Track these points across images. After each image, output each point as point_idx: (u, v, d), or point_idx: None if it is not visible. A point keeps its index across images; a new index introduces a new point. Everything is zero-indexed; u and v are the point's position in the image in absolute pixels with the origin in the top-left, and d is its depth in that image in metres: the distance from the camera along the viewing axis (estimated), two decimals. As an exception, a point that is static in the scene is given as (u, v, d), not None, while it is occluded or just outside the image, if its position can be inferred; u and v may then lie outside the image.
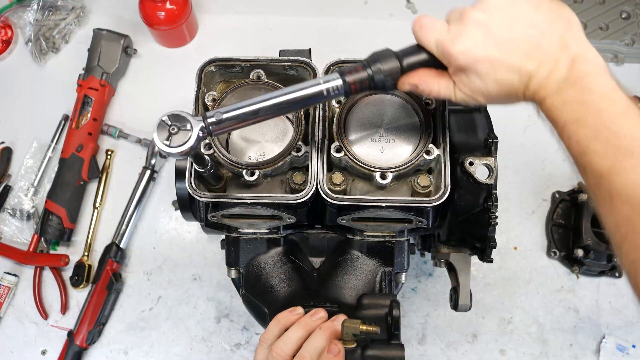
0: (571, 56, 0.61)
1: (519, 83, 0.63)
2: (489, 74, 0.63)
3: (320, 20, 1.47)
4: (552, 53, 0.61)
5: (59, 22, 1.44)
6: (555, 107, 0.61)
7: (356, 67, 0.68)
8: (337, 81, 0.67)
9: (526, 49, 0.62)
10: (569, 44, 0.62)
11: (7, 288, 1.24)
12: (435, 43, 0.66)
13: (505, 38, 0.62)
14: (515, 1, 0.63)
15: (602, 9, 1.43)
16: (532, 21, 0.62)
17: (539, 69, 0.61)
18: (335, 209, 0.86)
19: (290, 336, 0.74)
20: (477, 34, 0.63)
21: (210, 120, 0.65)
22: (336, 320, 0.75)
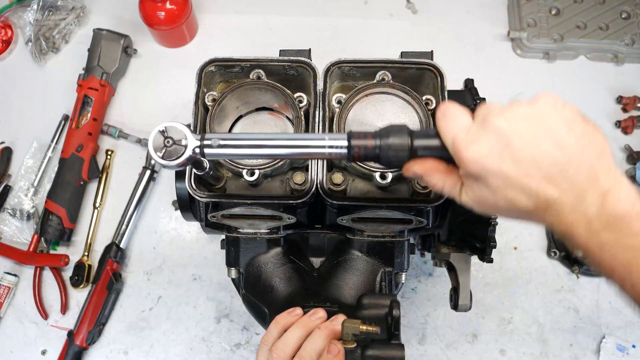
0: (601, 191, 0.54)
1: (534, 207, 0.57)
2: (499, 189, 0.57)
3: (320, 20, 1.47)
4: (579, 183, 0.55)
5: (59, 22, 1.44)
6: (592, 249, 0.55)
7: (366, 135, 0.63)
8: (343, 142, 0.63)
9: (548, 173, 0.55)
10: (599, 177, 0.55)
11: (7, 288, 1.24)
12: (452, 139, 0.60)
13: (526, 155, 0.55)
14: (547, 115, 0.56)
15: (602, 9, 1.43)
16: (561, 143, 0.55)
17: (561, 199, 0.55)
18: (335, 209, 0.86)
19: (290, 337, 0.74)
20: (496, 144, 0.56)
21: (207, 143, 0.63)
22: (335, 321, 0.75)
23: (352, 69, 0.86)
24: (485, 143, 0.57)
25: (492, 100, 0.99)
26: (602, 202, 0.54)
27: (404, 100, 0.85)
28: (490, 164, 0.57)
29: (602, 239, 0.54)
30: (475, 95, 1.00)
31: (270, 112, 0.89)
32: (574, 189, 0.55)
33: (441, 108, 0.62)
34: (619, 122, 1.35)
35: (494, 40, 1.45)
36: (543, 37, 1.40)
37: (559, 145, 0.55)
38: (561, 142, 0.56)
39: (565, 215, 0.56)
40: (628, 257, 0.53)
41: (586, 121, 0.57)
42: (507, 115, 0.57)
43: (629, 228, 0.53)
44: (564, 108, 0.57)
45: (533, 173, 0.56)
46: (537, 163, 0.56)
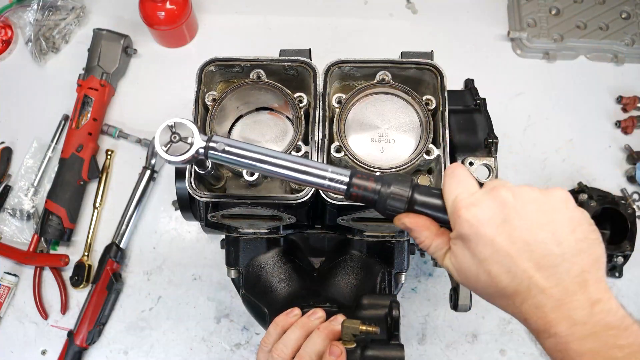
0: (590, 298, 0.53)
1: (514, 291, 0.55)
2: (485, 261, 0.56)
3: (320, 20, 1.47)
4: (568, 284, 0.54)
5: (59, 22, 1.44)
6: (571, 355, 0.53)
7: (369, 177, 0.64)
8: (344, 177, 0.64)
9: (539, 262, 0.54)
10: (590, 284, 0.54)
11: (7, 288, 1.24)
12: (454, 198, 0.59)
13: (522, 236, 0.55)
14: (556, 208, 0.56)
15: (602, 9, 1.43)
16: (560, 239, 0.55)
17: (543, 294, 0.54)
18: (335, 209, 0.86)
19: (289, 337, 0.74)
20: (497, 214, 0.56)
21: (213, 145, 0.63)
22: (335, 321, 0.75)
23: (352, 69, 0.86)
24: (486, 209, 0.56)
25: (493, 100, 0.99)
26: (591, 309, 0.53)
27: (404, 100, 0.85)
28: (484, 231, 0.56)
29: (584, 346, 0.52)
30: (475, 95, 1.00)
31: (271, 112, 0.90)
32: (562, 287, 0.54)
33: (450, 167, 0.62)
34: (619, 122, 1.35)
35: (494, 40, 1.45)
36: (543, 37, 1.40)
37: (557, 241, 0.55)
38: (560, 238, 0.55)
39: (547, 311, 0.54)
40: None
41: (592, 229, 0.56)
42: (516, 192, 0.57)
43: (615, 340, 0.52)
44: (574, 209, 0.57)
45: (524, 256, 0.55)
46: (530, 248, 0.55)
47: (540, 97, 1.38)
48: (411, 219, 0.63)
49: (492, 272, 0.56)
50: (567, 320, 0.53)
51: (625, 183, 1.31)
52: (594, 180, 1.31)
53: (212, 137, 0.64)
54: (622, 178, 1.32)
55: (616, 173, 1.32)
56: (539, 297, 0.54)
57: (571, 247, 0.55)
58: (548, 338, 0.54)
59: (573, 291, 0.53)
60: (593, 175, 1.32)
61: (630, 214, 1.20)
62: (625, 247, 1.18)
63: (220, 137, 0.64)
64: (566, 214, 0.56)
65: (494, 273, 0.56)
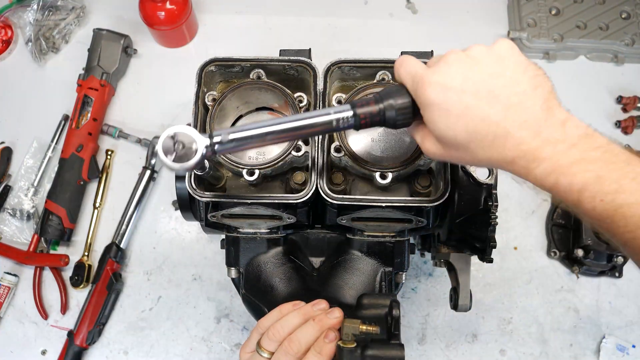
0: (560, 119, 0.59)
1: (494, 136, 0.60)
2: (459, 118, 0.60)
3: (320, 20, 1.47)
4: (537, 113, 0.59)
5: (59, 22, 1.44)
6: (561, 170, 0.58)
7: (368, 101, 0.65)
8: (348, 113, 0.65)
9: (506, 104, 0.59)
10: (554, 110, 0.60)
11: (7, 288, 1.24)
12: (412, 77, 0.63)
13: (485, 87, 0.60)
14: (505, 56, 0.62)
15: (602, 9, 1.43)
16: (517, 79, 0.60)
17: (521, 129, 0.59)
18: (335, 209, 0.86)
19: (289, 320, 0.75)
20: (457, 73, 0.61)
21: (216, 139, 0.64)
22: (331, 314, 0.76)
23: (352, 69, 0.86)
24: (445, 74, 0.61)
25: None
26: (563, 128, 0.59)
27: (404, 100, 0.85)
28: (451, 92, 0.60)
29: (570, 157, 0.57)
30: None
31: (270, 111, 0.90)
32: (533, 118, 0.59)
33: (397, 60, 0.67)
34: (619, 122, 1.35)
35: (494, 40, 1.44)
36: (543, 37, 1.40)
37: (516, 81, 0.60)
38: (517, 79, 0.60)
39: (528, 142, 0.59)
40: (599, 169, 0.56)
41: (537, 67, 0.62)
42: (466, 52, 0.63)
43: (591, 144, 0.58)
44: (520, 54, 0.63)
45: (492, 103, 0.59)
46: (496, 95, 0.60)
47: (540, 97, 1.38)
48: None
49: (469, 126, 0.60)
50: (549, 143, 0.58)
51: (625, 183, 1.31)
52: (594, 180, 1.31)
53: (212, 133, 0.64)
54: (622, 178, 1.32)
55: (616, 173, 1.32)
56: (519, 134, 0.59)
57: (529, 84, 0.60)
58: (537, 167, 0.59)
59: (544, 118, 0.59)
60: (593, 175, 1.32)
61: (630, 214, 1.19)
62: (625, 247, 1.18)
63: (220, 130, 0.65)
64: (515, 59, 0.62)
65: (471, 127, 0.60)
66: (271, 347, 0.74)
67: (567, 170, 0.57)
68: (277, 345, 0.74)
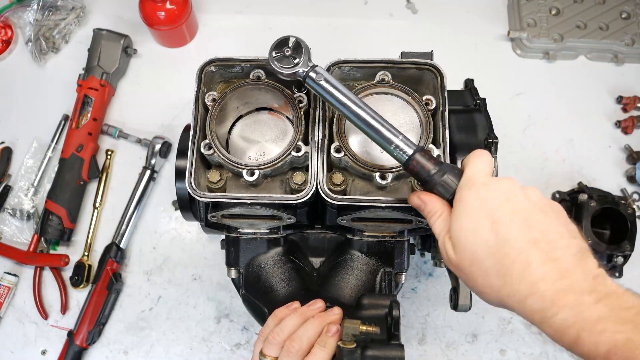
0: (591, 272, 0.55)
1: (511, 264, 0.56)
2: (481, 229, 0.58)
3: (320, 20, 1.47)
4: (567, 258, 0.55)
5: (59, 22, 1.44)
6: (586, 326, 0.52)
7: (430, 158, 0.68)
8: (408, 150, 0.69)
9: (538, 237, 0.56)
10: (587, 261, 0.56)
11: (7, 288, 1.24)
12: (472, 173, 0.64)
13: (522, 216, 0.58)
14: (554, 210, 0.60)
15: (602, 9, 1.43)
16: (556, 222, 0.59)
17: (544, 265, 0.54)
18: (335, 209, 0.86)
19: (287, 324, 0.76)
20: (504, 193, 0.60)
21: (312, 75, 0.72)
22: (331, 312, 0.76)
23: (352, 69, 0.86)
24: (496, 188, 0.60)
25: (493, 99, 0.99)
26: (593, 280, 0.54)
27: (404, 101, 0.85)
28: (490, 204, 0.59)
29: (596, 312, 0.52)
30: (475, 95, 1.00)
31: (270, 112, 0.90)
32: (563, 261, 0.55)
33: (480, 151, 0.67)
34: (619, 122, 1.35)
35: (494, 40, 1.45)
36: (543, 37, 1.40)
37: (556, 223, 0.58)
38: (558, 222, 0.59)
39: (550, 282, 0.54)
40: (627, 330, 0.51)
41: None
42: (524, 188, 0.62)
43: (620, 304, 0.53)
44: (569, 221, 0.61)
45: (523, 229, 0.57)
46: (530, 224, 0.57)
47: (540, 97, 1.38)
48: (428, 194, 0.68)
49: (489, 241, 0.57)
50: (573, 291, 0.53)
51: (625, 183, 1.31)
52: (594, 180, 1.31)
53: (315, 66, 0.72)
54: (622, 178, 1.32)
55: (616, 173, 1.32)
56: (541, 268, 0.54)
57: (567, 231, 0.58)
58: (555, 315, 0.53)
59: (574, 264, 0.54)
60: (593, 175, 1.32)
61: (630, 214, 1.20)
62: (625, 247, 1.18)
63: (323, 70, 0.73)
64: (563, 214, 0.61)
65: (491, 242, 0.57)
66: (273, 351, 0.74)
67: (592, 327, 0.51)
68: (279, 349, 0.74)
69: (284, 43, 0.74)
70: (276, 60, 0.73)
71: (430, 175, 0.67)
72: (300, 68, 0.73)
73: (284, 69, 0.73)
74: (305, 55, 0.73)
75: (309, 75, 0.73)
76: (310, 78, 0.73)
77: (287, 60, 0.73)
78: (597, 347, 0.51)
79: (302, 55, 0.73)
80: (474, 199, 0.60)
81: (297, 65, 0.73)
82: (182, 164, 0.90)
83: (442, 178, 0.66)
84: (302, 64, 0.73)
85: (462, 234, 0.60)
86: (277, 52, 0.74)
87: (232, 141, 0.88)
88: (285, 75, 0.74)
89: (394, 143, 0.70)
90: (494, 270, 0.57)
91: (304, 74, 0.73)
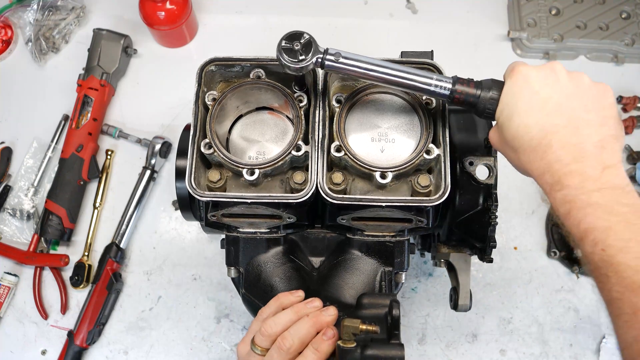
0: (603, 162, 0.60)
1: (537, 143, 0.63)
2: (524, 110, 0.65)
3: (320, 20, 1.47)
4: (586, 144, 0.61)
5: (59, 22, 1.44)
6: (578, 205, 0.59)
7: (469, 82, 0.72)
8: (447, 84, 0.72)
9: (564, 123, 0.63)
10: (605, 150, 0.61)
11: (7, 288, 1.24)
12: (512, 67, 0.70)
13: (556, 100, 0.64)
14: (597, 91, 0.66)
15: (602, 9, 1.43)
16: (589, 109, 0.64)
17: (562, 149, 0.61)
18: (335, 209, 0.86)
19: (282, 318, 0.76)
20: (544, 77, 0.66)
21: (329, 57, 0.73)
22: (325, 312, 0.76)
23: (352, 68, 0.86)
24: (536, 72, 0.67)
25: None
26: (602, 170, 0.59)
27: (404, 100, 0.85)
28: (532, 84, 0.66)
29: (591, 198, 0.59)
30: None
31: (271, 111, 0.90)
32: (581, 147, 0.61)
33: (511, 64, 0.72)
34: (619, 122, 1.35)
35: (494, 40, 1.45)
36: (543, 37, 1.40)
37: (586, 109, 0.64)
38: (589, 108, 0.64)
39: (563, 164, 0.61)
40: (612, 221, 0.57)
41: (619, 118, 0.66)
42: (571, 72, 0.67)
43: (619, 198, 0.58)
44: (613, 103, 0.66)
45: (553, 115, 0.63)
46: (562, 109, 0.63)
47: (540, 97, 1.38)
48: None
49: (526, 122, 0.64)
50: (580, 175, 0.60)
51: (625, 183, 1.31)
52: (594, 180, 1.31)
53: (327, 49, 0.73)
54: (622, 178, 1.32)
55: (616, 173, 1.32)
56: (559, 152, 0.61)
57: (597, 118, 0.63)
58: (559, 190, 0.61)
59: (590, 152, 0.60)
60: (593, 175, 1.32)
61: (630, 214, 1.20)
62: (626, 247, 1.18)
63: (335, 49, 0.73)
64: (606, 101, 0.65)
65: (527, 122, 0.64)
66: (264, 343, 0.75)
67: (582, 208, 0.59)
68: (271, 342, 0.74)
69: (297, 37, 0.74)
70: (284, 51, 0.73)
71: (477, 97, 0.70)
72: (314, 58, 0.73)
73: (291, 63, 0.73)
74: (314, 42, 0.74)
75: (327, 59, 0.73)
76: (329, 60, 0.73)
77: (293, 54, 0.73)
78: (578, 224, 0.59)
79: (310, 54, 0.73)
80: (514, 87, 0.67)
81: (302, 61, 0.73)
82: (182, 163, 0.89)
83: (489, 95, 0.70)
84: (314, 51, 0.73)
85: (501, 118, 0.68)
86: (287, 43, 0.74)
87: (232, 141, 0.88)
88: (291, 69, 0.74)
89: (432, 84, 0.72)
90: (522, 151, 0.65)
91: (320, 62, 0.73)
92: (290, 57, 0.73)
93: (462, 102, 0.72)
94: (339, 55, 0.73)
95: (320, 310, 0.77)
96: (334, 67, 0.74)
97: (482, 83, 0.72)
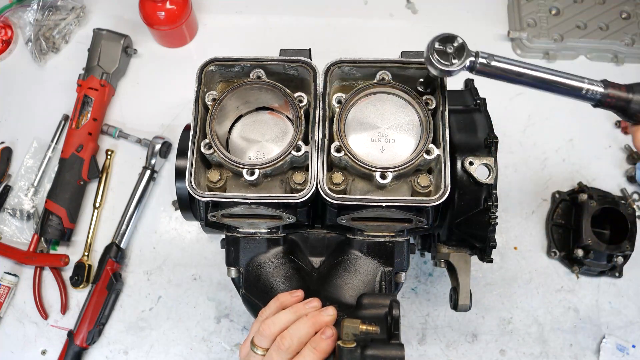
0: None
1: None
2: None
3: (320, 20, 1.47)
4: None
5: (59, 22, 1.44)
6: None
7: (620, 86, 0.73)
8: (599, 88, 0.72)
9: None
10: None
11: (7, 288, 1.24)
12: None
13: None
14: None
15: (602, 9, 1.43)
16: None
17: None
18: (335, 209, 0.86)
19: (280, 318, 0.76)
20: None
21: (481, 61, 0.73)
22: (324, 312, 0.76)
23: (352, 68, 0.86)
24: None
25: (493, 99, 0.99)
26: None
27: (404, 100, 0.85)
28: None
29: None
30: (475, 95, 1.00)
31: (271, 111, 0.90)
32: None
33: None
34: (619, 122, 1.35)
35: (494, 40, 1.45)
36: (543, 37, 1.40)
37: None
38: None
39: None
40: None
41: None
42: None
43: None
44: None
45: None
46: None
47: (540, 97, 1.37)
48: None
49: None
50: None
51: (625, 183, 1.32)
52: (594, 180, 1.31)
53: (479, 53, 0.73)
54: (622, 178, 1.32)
55: (616, 173, 1.32)
56: None
57: None
58: None
59: None
60: (593, 175, 1.32)
61: (630, 214, 1.20)
62: (625, 247, 1.18)
63: (486, 53, 0.73)
64: None
65: None
66: (264, 344, 0.75)
67: None
68: (270, 342, 0.75)
69: (450, 40, 0.73)
70: (436, 52, 0.72)
71: (628, 101, 0.71)
72: (464, 62, 0.72)
73: (441, 65, 0.72)
74: (467, 46, 0.73)
75: (479, 63, 0.73)
76: (482, 65, 0.73)
77: (445, 57, 0.72)
78: None
79: (462, 58, 0.72)
80: None
81: (453, 65, 0.72)
82: (182, 163, 0.90)
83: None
84: (467, 55, 0.72)
85: None
86: (440, 45, 0.72)
87: (232, 141, 0.88)
88: (436, 71, 0.73)
89: (584, 88, 0.73)
90: None
91: (473, 65, 0.73)
92: (442, 59, 0.72)
93: (612, 106, 0.73)
94: (492, 58, 0.73)
95: (319, 310, 0.77)
96: (484, 71, 0.74)
97: (633, 87, 0.73)
